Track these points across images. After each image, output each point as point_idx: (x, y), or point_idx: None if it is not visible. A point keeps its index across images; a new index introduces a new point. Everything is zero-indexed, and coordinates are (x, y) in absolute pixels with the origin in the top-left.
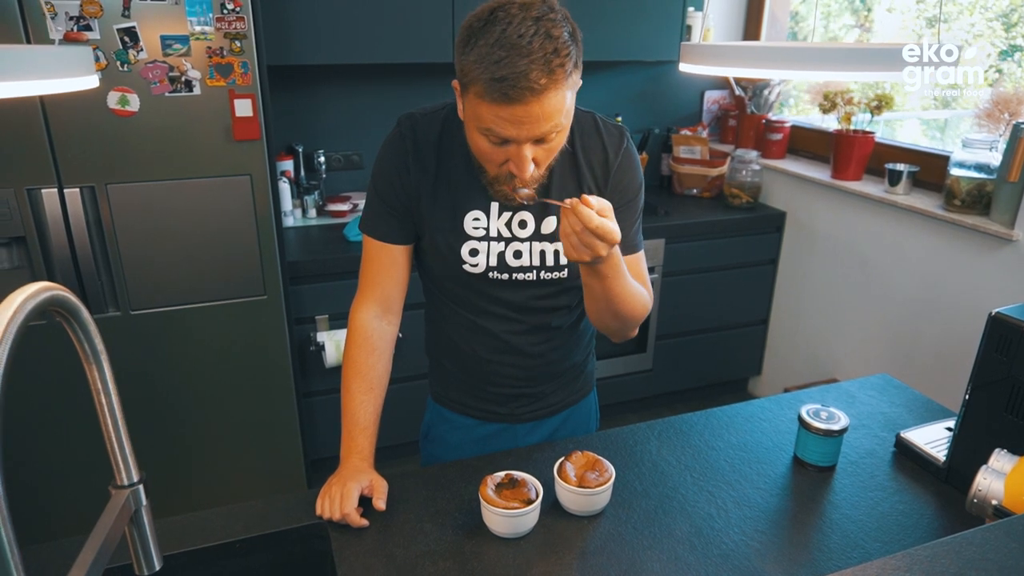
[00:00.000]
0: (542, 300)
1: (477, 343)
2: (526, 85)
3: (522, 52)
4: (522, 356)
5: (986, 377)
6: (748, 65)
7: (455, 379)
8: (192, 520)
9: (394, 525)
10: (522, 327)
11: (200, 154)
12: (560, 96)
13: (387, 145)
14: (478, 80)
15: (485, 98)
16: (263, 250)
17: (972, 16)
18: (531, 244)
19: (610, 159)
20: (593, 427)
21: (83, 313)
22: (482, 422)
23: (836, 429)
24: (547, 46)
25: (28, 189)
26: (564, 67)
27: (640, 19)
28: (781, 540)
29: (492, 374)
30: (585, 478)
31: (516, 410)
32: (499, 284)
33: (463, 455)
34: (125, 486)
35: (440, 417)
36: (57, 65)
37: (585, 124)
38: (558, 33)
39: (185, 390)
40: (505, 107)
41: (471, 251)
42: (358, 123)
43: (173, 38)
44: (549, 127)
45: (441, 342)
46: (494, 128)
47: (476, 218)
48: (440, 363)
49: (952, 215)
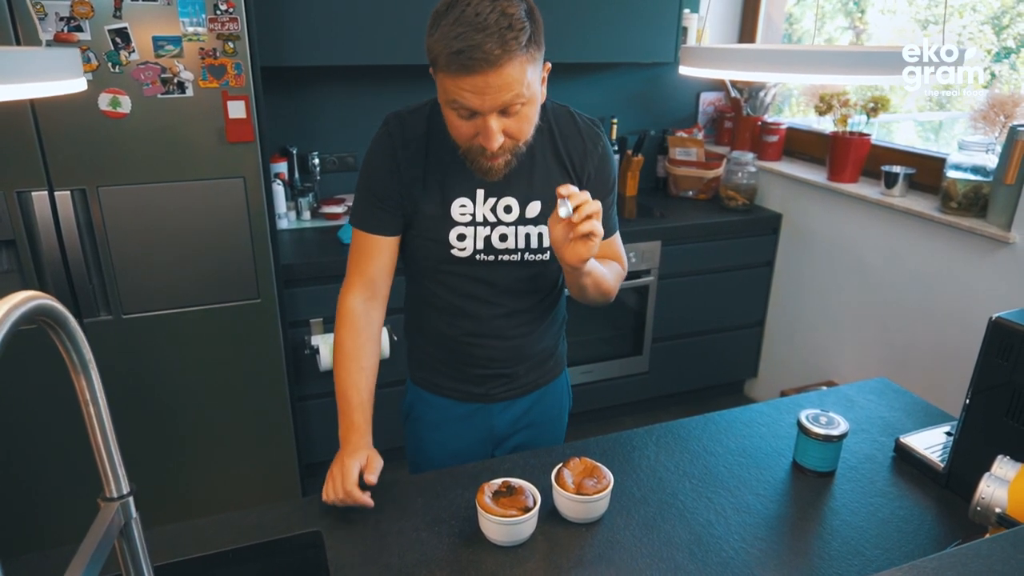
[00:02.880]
0: (523, 282)
1: (456, 326)
2: (481, 56)
3: (478, 27)
4: (499, 339)
5: (986, 382)
6: (756, 68)
7: (434, 361)
8: (184, 529)
9: (390, 534)
10: (502, 310)
11: (193, 156)
12: (518, 67)
13: (376, 143)
14: (440, 55)
15: (447, 71)
16: (257, 253)
17: (963, 19)
18: (516, 228)
19: (589, 150)
20: (566, 406)
21: (71, 322)
22: (459, 402)
23: (835, 434)
24: (502, 21)
25: (18, 192)
26: (518, 39)
27: (636, 21)
28: (781, 547)
29: (470, 356)
30: (583, 485)
31: (491, 391)
32: (485, 265)
33: (442, 433)
34: (114, 498)
35: (418, 398)
36: (45, 67)
37: (561, 116)
38: (512, 11)
39: (177, 395)
40: (465, 78)
41: (459, 236)
42: (352, 125)
43: (165, 39)
44: (510, 96)
45: (422, 325)
46: (458, 99)
47: (463, 204)
48: (419, 345)
49: (949, 217)
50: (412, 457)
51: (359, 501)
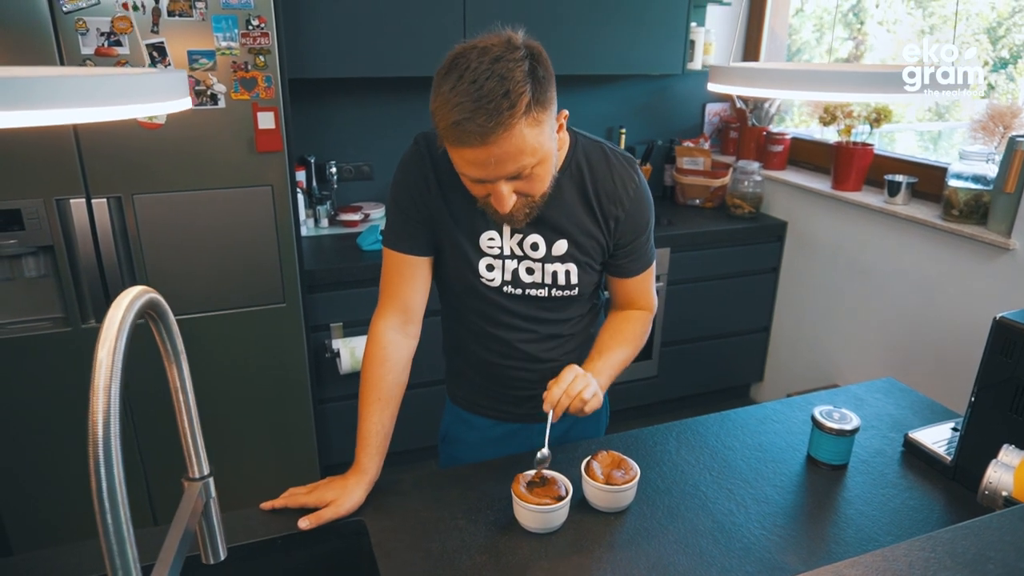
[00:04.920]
0: (553, 312)
1: (491, 350)
2: (476, 130)
3: (472, 97)
4: (535, 361)
5: (991, 378)
6: (785, 87)
7: (471, 382)
8: (233, 518)
9: (430, 522)
10: (534, 335)
11: (224, 165)
12: (518, 136)
13: (407, 160)
14: (439, 124)
15: (448, 142)
16: (283, 259)
17: (958, 29)
18: (543, 265)
19: (619, 194)
20: (604, 424)
21: (170, 316)
22: (498, 422)
23: (848, 429)
24: (498, 89)
25: (57, 199)
26: (516, 108)
27: (645, 34)
28: (799, 534)
29: (506, 378)
30: (611, 476)
31: (532, 410)
32: (513, 298)
33: (481, 455)
34: (197, 479)
35: (458, 418)
36: (157, 90)
37: (593, 154)
38: (512, 74)
39: (204, 396)
40: (463, 150)
41: (487, 266)
42: (369, 134)
43: (200, 53)
44: (515, 167)
45: (458, 346)
46: (462, 170)
47: (491, 237)
48: (457, 366)
49: (950, 225)
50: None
51: (287, 505)
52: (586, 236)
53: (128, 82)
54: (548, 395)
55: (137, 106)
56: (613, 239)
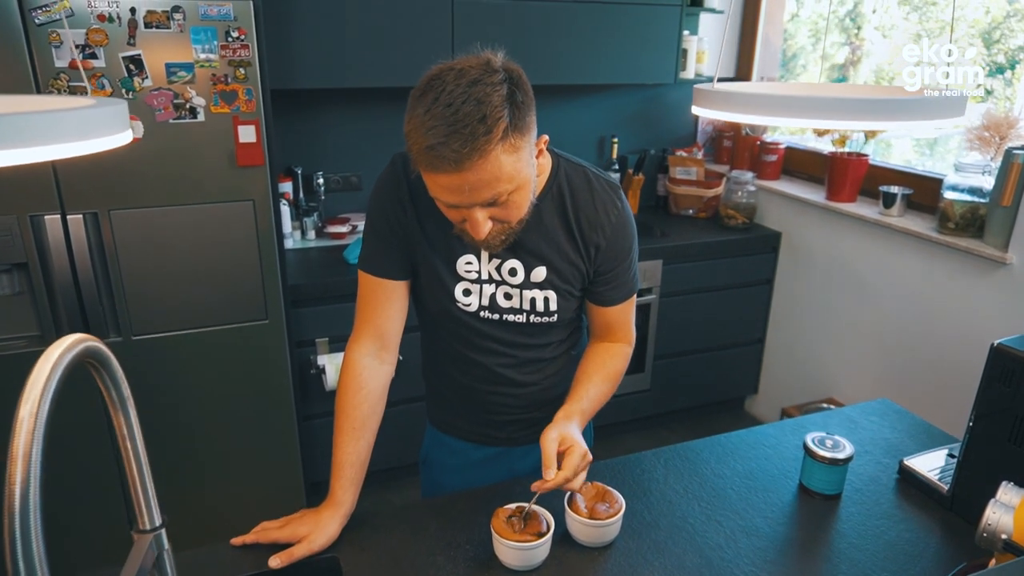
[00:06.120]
0: (533, 338)
1: (469, 374)
2: (450, 155)
3: (447, 121)
4: (515, 386)
5: (988, 407)
6: (770, 114)
7: (451, 405)
8: (204, 555)
9: (405, 558)
10: (513, 360)
11: (203, 180)
12: (493, 162)
13: (382, 181)
14: (412, 147)
15: (420, 167)
16: (265, 275)
17: (955, 33)
18: (521, 291)
19: (601, 221)
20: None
21: (113, 363)
22: (479, 446)
23: (841, 458)
24: (475, 114)
25: (31, 216)
26: (491, 134)
27: (637, 44)
28: (790, 571)
29: (487, 403)
30: (595, 510)
31: (513, 434)
32: (490, 323)
33: (462, 479)
34: (148, 531)
35: (438, 442)
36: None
37: (575, 179)
38: (490, 98)
39: (186, 415)
40: (437, 176)
41: (464, 291)
42: (356, 145)
43: (178, 66)
44: (490, 194)
45: (436, 369)
46: (436, 194)
47: (468, 262)
48: (437, 390)
49: (946, 238)
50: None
51: (258, 540)
52: (566, 263)
53: (54, 120)
54: (554, 476)
55: (63, 146)
56: (593, 266)
